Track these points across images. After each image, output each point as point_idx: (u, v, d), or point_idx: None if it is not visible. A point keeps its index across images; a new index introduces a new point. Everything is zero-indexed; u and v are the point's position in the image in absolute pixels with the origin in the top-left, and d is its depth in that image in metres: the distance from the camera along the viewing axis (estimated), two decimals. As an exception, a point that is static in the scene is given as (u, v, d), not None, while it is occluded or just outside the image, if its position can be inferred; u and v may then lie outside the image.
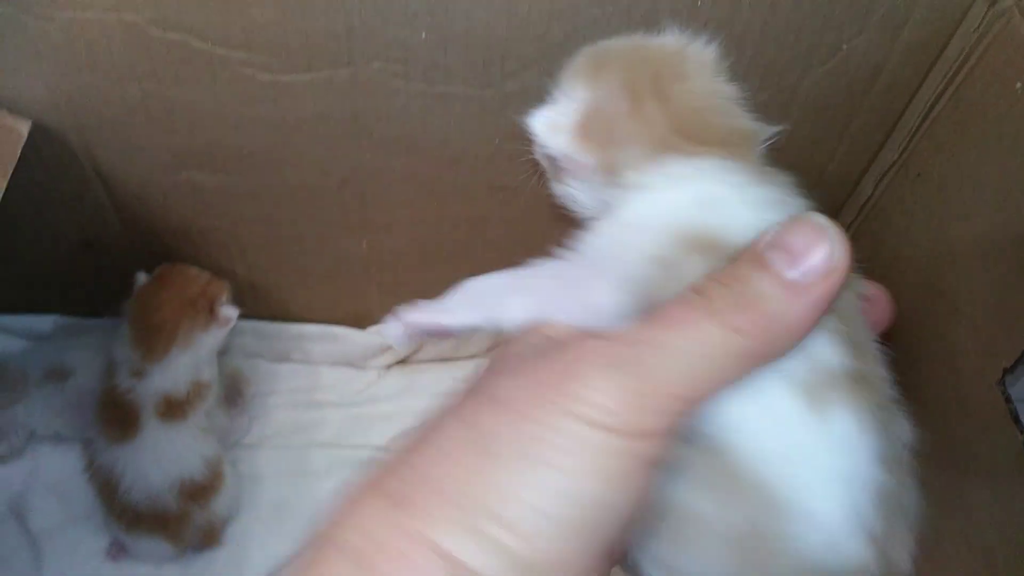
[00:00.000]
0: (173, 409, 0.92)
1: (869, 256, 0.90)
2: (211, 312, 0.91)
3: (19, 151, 0.72)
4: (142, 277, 0.92)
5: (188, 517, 0.92)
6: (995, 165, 0.72)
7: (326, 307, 1.07)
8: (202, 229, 0.91)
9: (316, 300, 1.05)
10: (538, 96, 0.75)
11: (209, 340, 0.93)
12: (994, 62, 0.72)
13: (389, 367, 1.13)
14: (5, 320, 1.05)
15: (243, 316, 1.08)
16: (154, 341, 0.88)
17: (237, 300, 1.04)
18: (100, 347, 0.96)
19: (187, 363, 0.91)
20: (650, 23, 0.69)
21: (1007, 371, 0.70)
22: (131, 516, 0.91)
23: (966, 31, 0.73)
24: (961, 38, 0.74)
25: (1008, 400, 0.70)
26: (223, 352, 1.01)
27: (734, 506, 0.39)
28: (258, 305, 1.05)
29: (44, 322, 1.06)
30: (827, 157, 0.88)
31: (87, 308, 1.05)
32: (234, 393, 1.05)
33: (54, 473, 0.99)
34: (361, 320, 1.10)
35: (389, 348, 1.10)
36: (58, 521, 0.97)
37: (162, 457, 0.91)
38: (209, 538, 0.96)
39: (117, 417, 0.89)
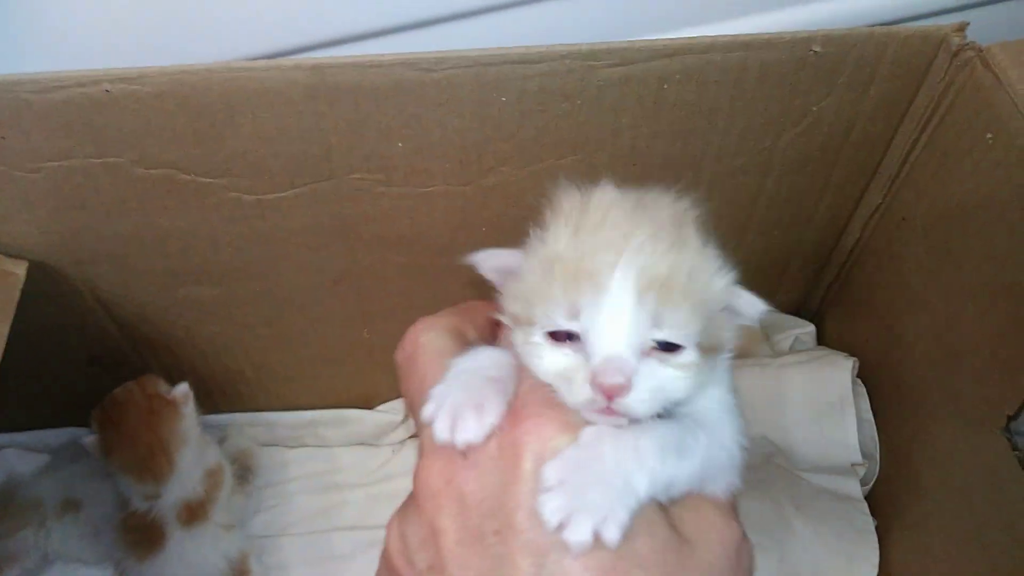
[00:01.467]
0: (195, 511, 0.93)
1: (866, 298, 0.91)
2: (168, 404, 0.91)
3: (18, 292, 0.74)
4: (89, 438, 0.91)
5: None
6: (977, 214, 0.73)
7: (334, 393, 1.08)
8: (206, 336, 0.92)
9: (324, 387, 1.07)
10: (518, 187, 0.77)
11: (189, 425, 0.93)
12: (963, 112, 0.73)
13: (403, 442, 1.14)
14: (22, 437, 1.07)
15: (254, 409, 1.10)
16: (155, 465, 0.89)
17: (247, 397, 1.06)
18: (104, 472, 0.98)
19: (191, 459, 0.92)
20: (619, 112, 0.71)
21: (1011, 418, 0.70)
22: None
23: (932, 83, 0.74)
24: (928, 89, 0.75)
25: (1015, 447, 0.70)
26: (222, 440, 1.03)
27: None
28: (269, 398, 1.06)
29: (59, 436, 1.07)
30: (813, 207, 0.89)
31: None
32: (244, 471, 1.05)
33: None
34: (369, 401, 1.11)
35: (401, 424, 1.11)
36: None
37: (190, 563, 0.92)
38: None
39: (142, 538, 0.91)
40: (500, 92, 0.68)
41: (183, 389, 0.92)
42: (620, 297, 0.45)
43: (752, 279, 0.99)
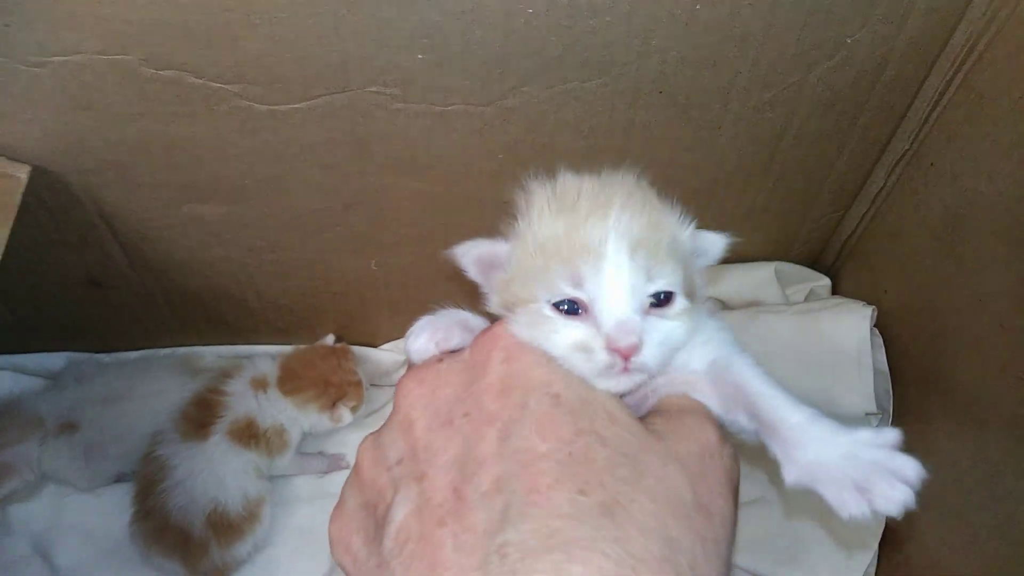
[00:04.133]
0: (244, 433, 0.96)
1: (887, 247, 0.89)
2: (334, 404, 1.00)
3: (20, 197, 0.72)
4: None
5: (206, 549, 0.92)
6: (1010, 156, 0.70)
7: (339, 329, 1.07)
8: (209, 260, 0.90)
9: (329, 323, 1.05)
10: (539, 110, 0.75)
11: (314, 418, 1.00)
12: (1003, 49, 0.70)
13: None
14: (19, 359, 1.05)
15: (255, 342, 1.08)
16: (296, 385, 0.98)
17: (251, 328, 1.04)
18: (106, 398, 0.97)
19: (290, 415, 0.99)
20: (648, 30, 0.69)
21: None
22: (157, 524, 0.92)
23: (971, 18, 0.72)
24: (967, 26, 0.72)
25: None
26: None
27: None
28: (272, 331, 1.04)
29: (56, 360, 1.06)
30: (837, 150, 0.86)
31: (97, 345, 1.05)
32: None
33: (75, 514, 0.99)
34: (374, 339, 1.09)
35: (405, 364, 1.10)
36: (83, 558, 0.97)
37: (211, 472, 0.93)
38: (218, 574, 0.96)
39: (202, 414, 0.95)
40: (528, 3, 0.65)
41: (346, 417, 1.02)
42: (617, 259, 0.49)
43: (771, 228, 0.98)
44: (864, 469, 0.46)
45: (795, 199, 0.92)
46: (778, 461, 0.49)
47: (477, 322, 0.56)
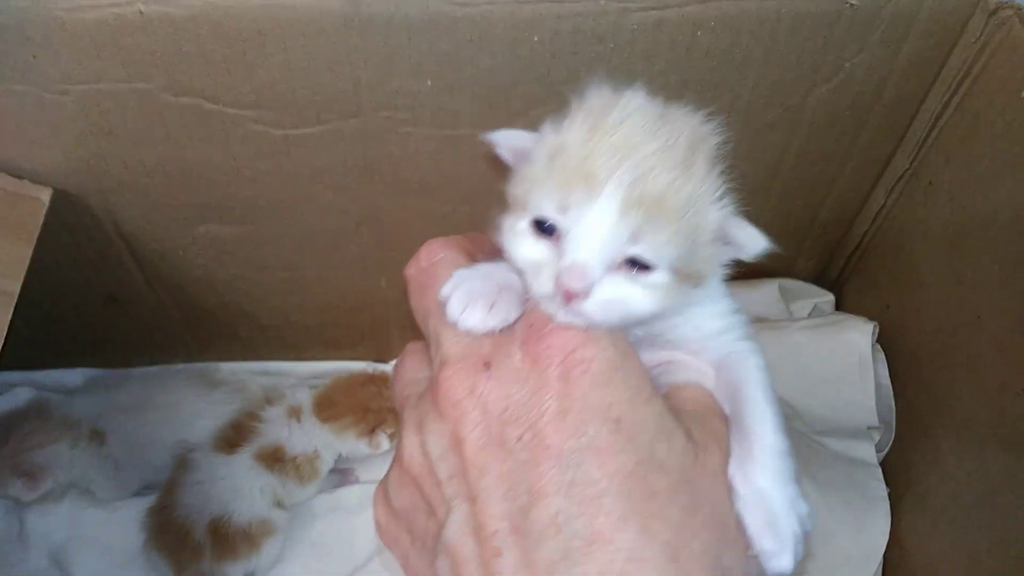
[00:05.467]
0: (270, 457, 0.98)
1: (889, 263, 0.91)
2: (373, 431, 1.00)
3: (42, 218, 0.75)
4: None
5: (199, 556, 0.93)
6: (1007, 176, 0.72)
7: (349, 344, 1.08)
8: (225, 278, 0.93)
9: (339, 338, 1.07)
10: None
11: (352, 444, 1.01)
12: (997, 71, 0.72)
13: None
14: (37, 376, 1.07)
15: (267, 358, 1.10)
16: (335, 412, 0.99)
17: (263, 344, 1.06)
18: (130, 407, 1.00)
19: (325, 442, 1.01)
20: (651, 56, 0.71)
21: (1031, 382, 0.70)
22: (163, 518, 0.94)
23: (967, 42, 0.74)
24: (963, 49, 0.74)
25: (1034, 410, 0.70)
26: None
27: None
28: (284, 347, 1.06)
29: (73, 376, 1.08)
30: (838, 170, 0.88)
31: (114, 361, 1.07)
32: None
33: (92, 527, 1.01)
34: (382, 355, 1.11)
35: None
36: (99, 570, 0.99)
37: (229, 482, 0.95)
38: None
39: (235, 435, 0.97)
40: (533, 31, 0.67)
41: (384, 444, 1.02)
42: (607, 206, 0.46)
43: (775, 245, 0.99)
44: (789, 526, 0.46)
45: (797, 217, 0.94)
46: (731, 458, 0.48)
47: (516, 280, 0.50)
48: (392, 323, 1.04)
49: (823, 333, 0.93)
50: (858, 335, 0.90)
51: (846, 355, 0.90)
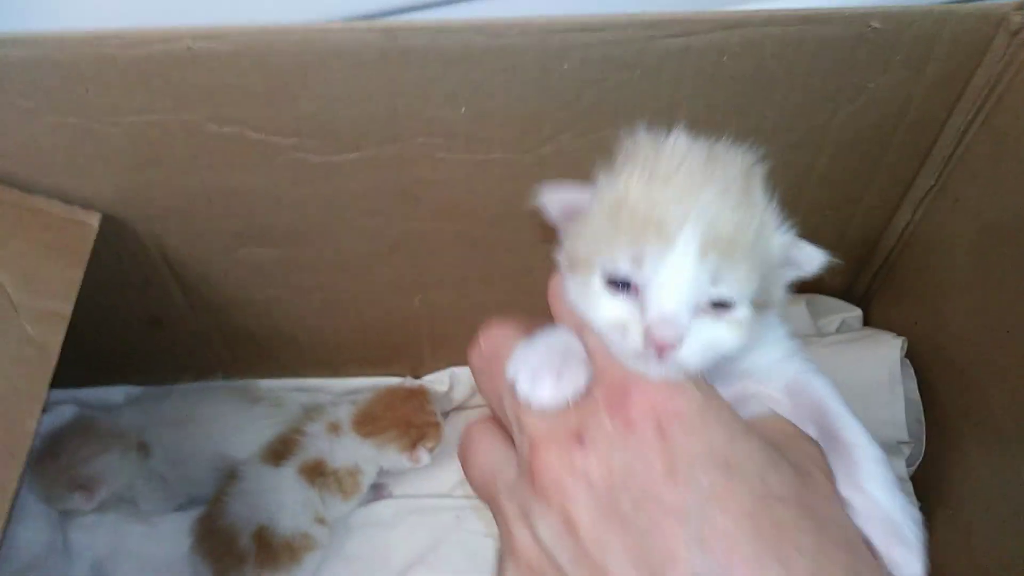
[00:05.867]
0: (313, 471, 1.01)
1: (916, 279, 0.92)
2: (414, 445, 1.03)
3: (91, 243, 0.78)
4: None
5: (243, 563, 0.95)
6: (1031, 193, 0.73)
7: (383, 361, 1.11)
8: (263, 300, 0.95)
9: (374, 356, 1.09)
10: (573, 157, 0.79)
11: (393, 459, 1.04)
12: (1022, 92, 0.73)
13: (447, 414, 1.16)
14: (81, 393, 1.10)
15: (303, 375, 1.13)
16: (377, 427, 1.02)
17: (299, 363, 1.08)
18: (174, 420, 1.03)
19: (366, 456, 1.03)
20: (677, 81, 0.73)
21: (1059, 395, 0.70)
22: (210, 525, 0.97)
23: (991, 61, 0.75)
24: (986, 69, 0.75)
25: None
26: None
27: None
28: (320, 365, 1.09)
29: (115, 393, 1.11)
30: (863, 187, 0.89)
31: (155, 379, 1.10)
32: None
33: (134, 540, 1.03)
34: (416, 370, 1.13)
35: (445, 395, 1.14)
36: (142, 584, 1.01)
37: (274, 493, 0.98)
38: None
39: (282, 448, 1.01)
40: (562, 59, 0.69)
41: (425, 459, 1.04)
42: (685, 252, 0.45)
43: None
44: (911, 531, 0.46)
45: (824, 235, 0.93)
46: (836, 476, 0.48)
47: (577, 343, 0.50)
48: (424, 340, 1.07)
49: (852, 348, 0.94)
50: (887, 350, 0.91)
51: (876, 370, 0.90)
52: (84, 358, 1.02)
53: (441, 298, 0.98)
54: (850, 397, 0.91)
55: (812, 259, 0.52)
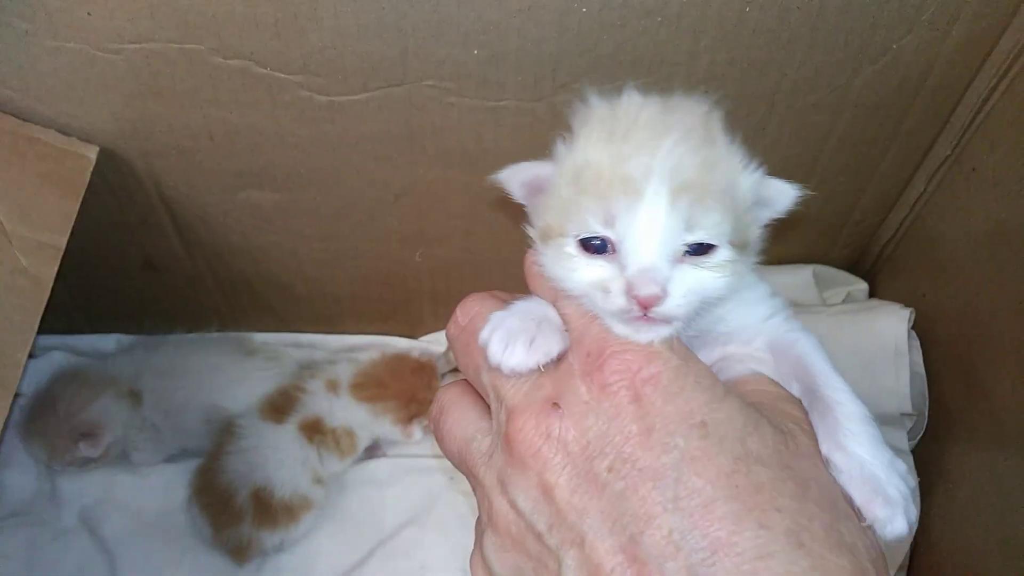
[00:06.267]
0: (311, 428, 0.99)
1: (926, 251, 0.90)
2: (411, 420, 1.01)
3: (89, 175, 0.76)
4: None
5: (239, 521, 0.94)
6: (1053, 160, 0.71)
7: (380, 318, 1.09)
8: (261, 246, 0.93)
9: (372, 312, 1.07)
10: (589, 106, 0.77)
11: (387, 429, 1.02)
12: (1049, 56, 0.72)
13: (443, 375, 1.14)
14: (73, 340, 1.09)
15: (298, 330, 1.11)
16: (377, 393, 1.00)
17: (296, 316, 1.07)
18: (167, 370, 1.01)
19: (360, 421, 1.01)
20: (698, 31, 0.71)
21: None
22: (208, 481, 0.96)
23: (1018, 25, 0.73)
24: (1014, 32, 0.74)
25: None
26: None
27: None
28: (316, 319, 1.07)
29: (107, 341, 1.09)
30: (880, 154, 0.88)
31: (149, 329, 1.08)
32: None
33: (123, 490, 1.02)
34: (414, 330, 1.12)
35: (443, 356, 1.12)
36: (130, 532, 1.00)
37: (274, 452, 0.96)
38: (238, 554, 0.97)
39: (283, 403, 0.99)
40: (582, 3, 0.67)
41: (417, 435, 1.03)
42: (655, 203, 0.46)
43: (811, 230, 0.99)
44: (895, 487, 0.46)
45: (837, 202, 0.94)
46: (818, 435, 0.48)
47: (555, 313, 0.51)
48: (424, 298, 1.05)
49: (858, 318, 0.92)
50: (894, 320, 0.90)
51: (881, 340, 0.89)
52: (75, 302, 1.01)
53: (444, 252, 0.96)
54: (855, 367, 0.90)
55: (782, 194, 0.52)
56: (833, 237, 1.00)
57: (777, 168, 0.87)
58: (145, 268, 0.96)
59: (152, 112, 0.74)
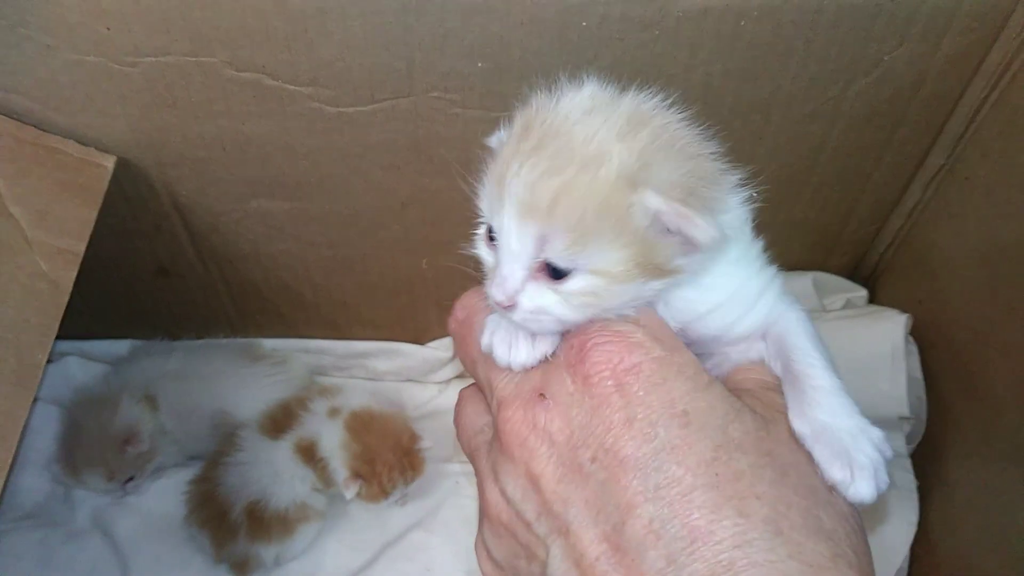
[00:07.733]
0: (305, 452, 0.98)
1: (923, 259, 0.92)
2: (357, 477, 0.97)
3: (106, 184, 0.78)
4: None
5: (235, 535, 0.95)
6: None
7: (387, 324, 1.11)
8: (271, 253, 0.96)
9: (378, 318, 1.09)
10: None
11: (339, 475, 0.98)
12: (1038, 67, 0.73)
13: (449, 381, 1.16)
14: (86, 346, 1.11)
15: (307, 336, 1.13)
16: (362, 467, 0.97)
17: (304, 322, 1.09)
18: (177, 375, 1.03)
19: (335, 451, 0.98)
20: (695, 44, 0.73)
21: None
22: (205, 493, 0.97)
23: (1007, 38, 0.75)
24: (1003, 44, 0.75)
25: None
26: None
27: None
28: (324, 325, 1.09)
29: (120, 347, 1.11)
30: (874, 164, 0.89)
31: (160, 334, 1.10)
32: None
33: (136, 494, 1.04)
34: (420, 336, 1.13)
35: (449, 362, 1.14)
36: (142, 534, 1.02)
37: (270, 466, 0.97)
38: (241, 569, 0.98)
39: (283, 419, 0.99)
40: (582, 16, 0.70)
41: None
42: (509, 219, 0.47)
43: (809, 238, 1.01)
44: (862, 452, 0.46)
45: (833, 210, 0.95)
46: (788, 408, 0.48)
47: None
48: (431, 305, 1.07)
49: (856, 324, 0.94)
50: (891, 325, 0.91)
51: (879, 345, 0.91)
52: (90, 307, 1.03)
53: (449, 260, 0.98)
54: (852, 371, 0.91)
55: (697, 230, 0.46)
56: (831, 245, 1.02)
57: (774, 176, 0.90)
58: (158, 274, 0.99)
59: (167, 123, 0.77)
